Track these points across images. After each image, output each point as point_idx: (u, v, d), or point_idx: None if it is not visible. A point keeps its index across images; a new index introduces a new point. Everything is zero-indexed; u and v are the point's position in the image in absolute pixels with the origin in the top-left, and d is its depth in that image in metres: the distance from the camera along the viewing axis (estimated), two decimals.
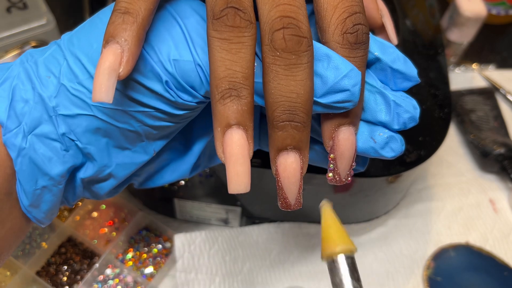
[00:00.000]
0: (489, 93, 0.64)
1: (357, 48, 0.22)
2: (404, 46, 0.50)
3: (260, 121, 0.30)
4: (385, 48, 0.25)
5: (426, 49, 0.51)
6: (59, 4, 0.66)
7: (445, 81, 0.49)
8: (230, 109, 0.21)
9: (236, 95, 0.21)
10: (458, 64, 0.68)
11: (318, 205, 0.51)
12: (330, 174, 0.24)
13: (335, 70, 0.22)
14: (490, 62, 0.69)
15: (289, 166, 0.22)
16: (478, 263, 0.51)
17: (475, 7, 0.61)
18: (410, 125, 0.25)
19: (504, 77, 0.67)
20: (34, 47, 0.53)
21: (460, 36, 0.63)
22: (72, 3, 0.67)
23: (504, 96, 0.65)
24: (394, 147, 0.25)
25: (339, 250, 0.22)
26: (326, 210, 0.24)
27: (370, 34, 0.25)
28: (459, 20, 0.61)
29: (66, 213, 0.51)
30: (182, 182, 0.47)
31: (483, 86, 0.65)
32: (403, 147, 0.25)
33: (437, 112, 0.47)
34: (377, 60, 0.25)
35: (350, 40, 0.22)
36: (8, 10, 0.54)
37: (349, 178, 0.24)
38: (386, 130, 0.25)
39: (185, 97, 0.24)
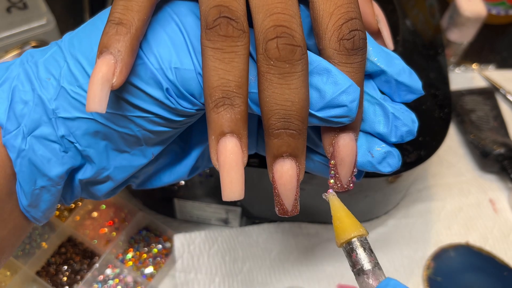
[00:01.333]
0: (489, 93, 0.64)
1: (354, 54, 0.22)
2: (404, 46, 0.50)
3: (259, 126, 0.30)
4: (391, 60, 0.25)
5: (426, 49, 0.51)
6: (59, 4, 0.66)
7: (445, 81, 0.49)
8: (224, 118, 0.21)
9: (229, 103, 0.21)
10: (458, 64, 0.68)
11: (318, 205, 0.51)
12: (332, 181, 0.25)
13: (334, 85, 0.22)
14: (490, 62, 0.69)
15: (285, 173, 0.23)
16: (478, 263, 0.51)
17: (475, 7, 0.61)
18: (407, 138, 0.25)
19: (504, 77, 0.67)
20: (34, 47, 0.53)
21: (460, 36, 0.63)
22: (72, 3, 0.67)
23: (504, 96, 0.65)
24: (391, 163, 0.25)
25: (353, 235, 0.23)
26: (333, 200, 0.24)
27: (376, 45, 0.25)
28: (459, 20, 0.61)
29: (66, 213, 0.51)
30: (182, 182, 0.47)
31: (483, 86, 0.65)
32: (400, 163, 0.26)
33: (437, 112, 0.47)
34: (382, 72, 0.25)
35: (347, 46, 0.22)
36: (8, 10, 0.54)
37: (351, 185, 0.25)
38: (384, 145, 0.25)
39: (185, 104, 0.24)
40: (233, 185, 0.22)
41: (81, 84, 0.24)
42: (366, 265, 0.23)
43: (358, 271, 0.23)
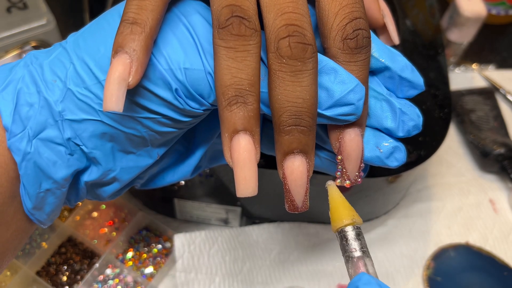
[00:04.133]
0: (489, 93, 0.64)
1: (357, 52, 0.23)
2: (404, 46, 0.50)
3: (262, 126, 0.30)
4: (394, 57, 0.26)
5: (426, 49, 0.51)
6: (59, 4, 0.66)
7: (445, 81, 0.49)
8: (237, 116, 0.22)
9: (242, 101, 0.22)
10: (458, 64, 0.68)
11: (318, 205, 0.51)
12: (338, 173, 0.25)
13: (341, 84, 0.23)
14: (490, 62, 0.69)
15: (296, 169, 0.23)
16: (478, 263, 0.51)
17: (475, 7, 0.61)
18: (414, 132, 0.26)
19: (504, 77, 0.67)
20: (34, 47, 0.53)
21: (460, 36, 0.63)
22: (72, 3, 0.67)
23: (504, 96, 0.65)
24: (398, 157, 0.26)
25: (345, 222, 0.24)
26: (332, 189, 0.25)
27: (380, 42, 0.25)
28: (459, 20, 0.61)
29: (66, 213, 0.51)
30: (182, 182, 0.47)
31: (483, 86, 0.65)
32: (406, 157, 0.26)
33: (437, 112, 0.47)
34: (386, 68, 0.25)
35: (351, 45, 0.23)
36: (8, 10, 0.54)
37: (359, 180, 0.25)
38: (392, 140, 0.25)
39: (194, 105, 0.24)
40: (247, 182, 0.22)
41: (88, 86, 0.24)
42: (355, 253, 0.24)
43: (347, 257, 0.24)
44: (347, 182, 0.25)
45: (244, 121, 0.22)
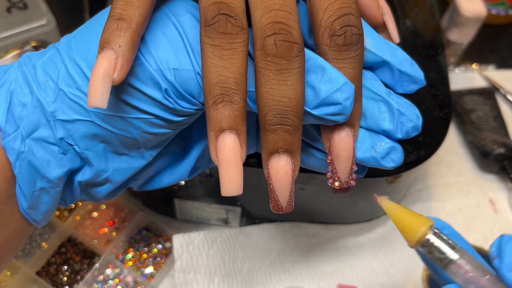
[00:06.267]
0: (489, 93, 0.64)
1: (346, 49, 0.22)
2: (404, 46, 0.50)
3: (258, 126, 0.30)
4: (393, 51, 0.25)
5: (426, 49, 0.51)
6: (59, 4, 0.66)
7: (445, 81, 0.49)
8: (223, 114, 0.21)
9: (228, 100, 0.21)
10: (458, 64, 0.68)
11: (318, 205, 0.51)
12: (329, 174, 0.24)
13: (328, 83, 0.22)
14: (490, 62, 0.69)
15: (280, 169, 0.23)
16: None
17: (475, 7, 0.61)
18: (413, 134, 0.25)
19: (504, 77, 0.67)
20: (34, 47, 0.53)
21: (460, 36, 0.63)
22: (72, 3, 0.67)
23: (504, 96, 0.65)
24: (394, 158, 0.25)
25: (424, 229, 0.22)
26: (385, 204, 0.24)
27: (378, 36, 0.25)
28: (459, 20, 0.61)
29: (66, 213, 0.51)
30: (182, 182, 0.47)
31: (483, 86, 0.65)
32: (403, 158, 0.25)
33: (437, 112, 0.47)
34: (385, 63, 0.25)
35: (338, 42, 0.22)
36: (8, 10, 0.54)
37: (352, 182, 0.24)
38: (388, 140, 0.25)
39: (184, 104, 0.24)
40: (231, 181, 0.22)
41: (80, 86, 0.24)
42: (453, 255, 0.22)
43: (445, 265, 0.22)
44: (337, 183, 0.24)
45: (229, 120, 0.22)
